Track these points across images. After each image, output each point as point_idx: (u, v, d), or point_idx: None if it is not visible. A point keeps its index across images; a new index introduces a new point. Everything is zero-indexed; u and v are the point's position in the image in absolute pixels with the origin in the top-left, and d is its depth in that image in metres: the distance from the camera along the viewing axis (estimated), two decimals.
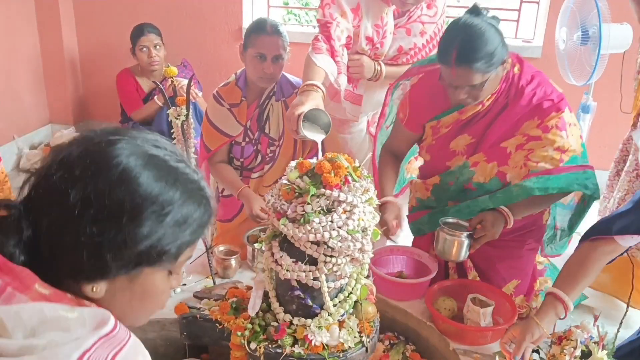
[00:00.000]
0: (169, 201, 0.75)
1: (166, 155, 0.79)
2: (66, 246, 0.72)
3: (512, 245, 2.04)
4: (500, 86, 1.84)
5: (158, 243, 0.75)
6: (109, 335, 0.70)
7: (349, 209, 1.33)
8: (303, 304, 1.41)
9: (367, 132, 2.43)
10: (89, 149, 0.75)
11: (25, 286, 0.68)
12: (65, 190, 0.71)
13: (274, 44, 2.21)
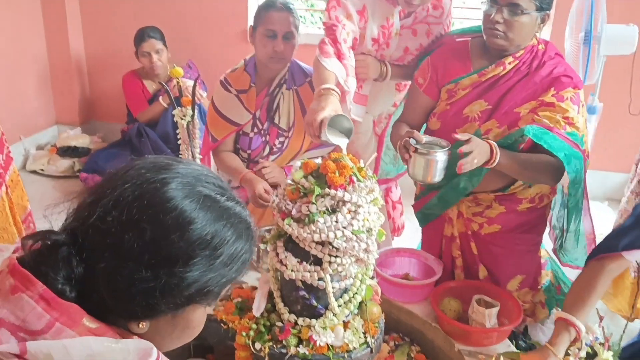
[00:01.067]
0: (220, 243, 0.77)
1: (217, 194, 0.80)
2: (119, 288, 0.73)
3: (516, 242, 2.03)
4: (524, 55, 1.86)
5: (207, 284, 0.77)
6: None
7: (354, 209, 1.33)
8: (308, 304, 1.41)
9: (373, 133, 2.42)
10: (144, 189, 0.75)
11: (74, 321, 0.70)
12: (122, 234, 0.72)
13: (285, 20, 2.16)
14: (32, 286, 0.70)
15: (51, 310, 0.70)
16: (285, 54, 2.19)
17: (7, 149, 2.22)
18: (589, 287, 1.64)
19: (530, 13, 1.78)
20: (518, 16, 1.77)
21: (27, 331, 0.69)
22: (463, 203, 2.02)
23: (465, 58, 1.95)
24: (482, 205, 2.00)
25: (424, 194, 2.13)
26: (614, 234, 1.73)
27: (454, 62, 1.95)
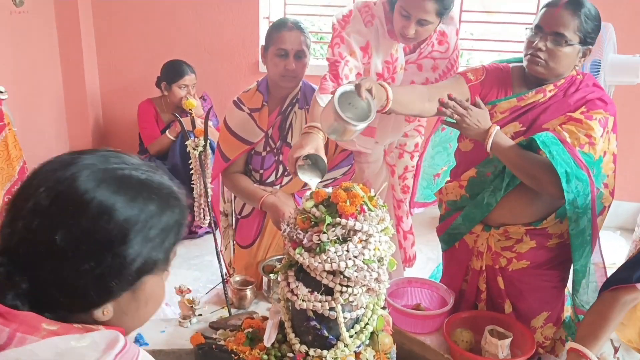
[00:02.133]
0: (149, 216, 0.78)
1: (132, 171, 0.80)
2: (69, 285, 0.74)
3: (544, 278, 1.99)
4: (564, 83, 1.86)
5: (150, 255, 0.79)
6: (122, 352, 0.73)
7: (365, 238, 1.34)
8: (319, 334, 1.40)
9: (384, 162, 2.42)
10: (58, 190, 0.75)
11: (34, 328, 0.71)
12: (51, 237, 0.73)
13: (296, 39, 2.15)
14: None
15: (9, 323, 0.71)
16: (297, 73, 2.19)
17: None
18: (602, 318, 1.61)
19: (574, 45, 1.78)
20: (562, 46, 1.78)
21: None
22: (493, 236, 1.99)
23: (506, 83, 1.95)
24: (512, 239, 1.97)
25: (448, 214, 2.11)
26: (628, 264, 1.70)
27: (495, 85, 1.95)
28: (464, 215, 2.03)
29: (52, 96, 4.29)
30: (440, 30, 2.16)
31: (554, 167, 1.70)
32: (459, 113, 1.82)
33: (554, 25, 1.77)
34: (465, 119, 1.81)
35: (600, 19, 1.82)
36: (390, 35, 2.10)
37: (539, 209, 1.91)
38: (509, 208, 1.94)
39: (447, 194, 2.11)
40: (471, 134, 1.84)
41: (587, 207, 1.77)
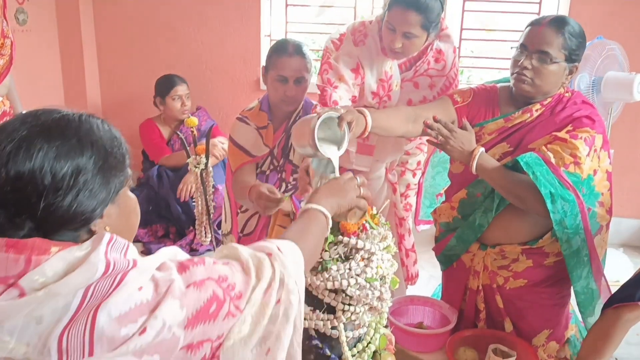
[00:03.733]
0: (92, 141, 0.90)
1: (52, 114, 0.90)
2: (67, 216, 0.85)
3: (542, 296, 1.98)
4: (552, 101, 1.86)
5: (117, 175, 0.92)
6: (112, 241, 0.85)
7: (367, 256, 1.33)
8: (321, 354, 1.39)
9: (386, 180, 2.42)
10: (17, 144, 0.84)
11: (45, 250, 0.81)
12: (35, 181, 0.83)
13: (296, 65, 2.13)
14: None
15: (22, 251, 0.80)
16: (297, 98, 2.19)
17: None
18: (605, 336, 1.60)
19: (559, 63, 1.78)
20: (547, 64, 1.78)
21: (13, 276, 0.79)
22: (489, 255, 1.99)
23: (493, 103, 1.95)
24: (509, 258, 1.96)
25: (443, 236, 2.11)
26: (631, 282, 1.69)
27: (483, 106, 1.96)
28: (457, 236, 2.03)
29: None
30: (437, 48, 2.16)
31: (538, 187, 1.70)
32: (443, 135, 1.83)
33: (538, 44, 1.78)
34: (449, 141, 1.82)
35: (584, 36, 1.83)
36: (383, 53, 2.10)
37: (534, 228, 1.91)
38: (503, 228, 1.94)
39: (440, 215, 2.11)
40: (455, 155, 1.85)
41: (578, 227, 1.76)
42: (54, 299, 0.78)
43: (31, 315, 0.77)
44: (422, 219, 2.48)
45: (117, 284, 0.81)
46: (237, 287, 0.94)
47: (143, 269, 0.86)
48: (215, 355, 0.90)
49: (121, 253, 0.86)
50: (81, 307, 0.79)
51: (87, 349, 0.78)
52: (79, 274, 0.80)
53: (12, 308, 0.77)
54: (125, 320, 0.80)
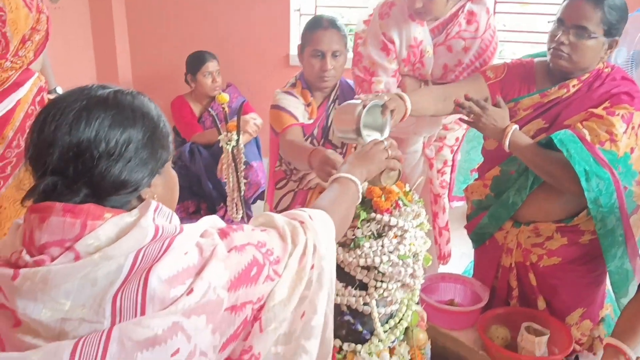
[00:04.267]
0: (143, 116, 0.94)
1: (107, 90, 0.94)
2: (120, 181, 0.89)
3: (577, 274, 1.95)
4: (589, 77, 1.81)
5: (159, 142, 0.95)
6: (158, 208, 0.90)
7: (400, 233, 1.33)
8: (353, 329, 1.40)
9: (423, 155, 2.38)
10: (79, 116, 0.88)
11: (98, 216, 0.86)
12: (92, 148, 0.87)
13: (331, 38, 2.10)
14: (52, 208, 0.85)
15: (78, 215, 0.85)
16: (334, 72, 2.15)
17: None
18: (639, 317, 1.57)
19: (598, 38, 1.73)
20: (585, 39, 1.73)
21: (70, 240, 0.84)
22: (523, 233, 1.96)
23: (529, 78, 1.91)
24: (543, 236, 1.93)
25: (475, 213, 2.09)
26: None
27: (517, 81, 1.92)
28: (490, 214, 2.00)
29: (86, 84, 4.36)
30: (469, 10, 2.12)
31: (572, 165, 1.66)
32: (475, 112, 1.79)
33: (575, 18, 1.73)
34: (481, 119, 1.79)
35: (626, 8, 1.76)
36: (411, 18, 2.09)
37: (569, 206, 1.87)
38: (537, 206, 1.90)
39: (472, 192, 2.08)
40: (488, 133, 1.82)
41: (613, 206, 1.72)
42: (108, 262, 0.82)
43: (86, 278, 0.81)
44: (455, 195, 2.45)
45: (166, 249, 0.86)
46: (275, 253, 0.98)
47: (188, 235, 0.90)
48: (258, 317, 0.94)
49: (167, 220, 0.91)
50: (133, 269, 0.83)
51: (140, 309, 0.82)
52: (131, 238, 0.84)
53: (68, 271, 0.81)
54: (174, 282, 0.85)
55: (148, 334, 0.81)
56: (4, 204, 2.07)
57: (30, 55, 2.08)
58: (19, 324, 0.83)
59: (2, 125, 2.02)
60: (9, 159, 2.05)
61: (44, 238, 0.84)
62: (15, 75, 2.01)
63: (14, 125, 2.05)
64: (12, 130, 2.05)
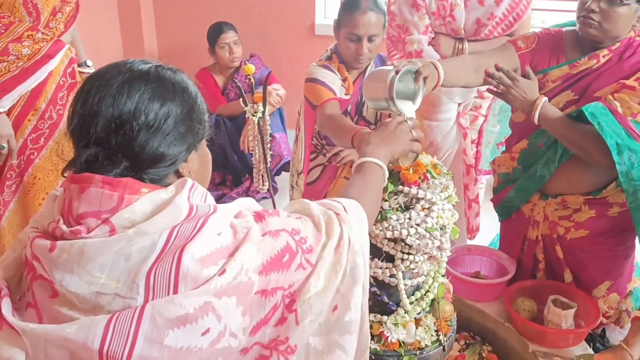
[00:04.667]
0: (189, 96, 0.96)
1: (150, 66, 0.95)
2: (159, 155, 0.90)
3: (605, 247, 1.93)
4: (620, 46, 1.76)
5: (200, 124, 0.98)
6: (193, 187, 0.91)
7: (428, 206, 1.32)
8: (379, 300, 1.41)
9: (457, 123, 2.34)
10: (121, 90, 0.90)
11: (136, 190, 0.87)
12: (133, 120, 0.89)
13: (369, 22, 2.00)
14: (92, 179, 0.86)
15: (115, 188, 0.86)
16: (371, 55, 2.10)
17: None
18: None
19: (630, 4, 1.67)
20: (616, 6, 1.67)
21: (106, 211, 0.85)
22: (550, 205, 1.94)
23: (558, 49, 1.86)
24: (570, 208, 1.91)
25: (501, 187, 2.07)
26: None
27: (547, 52, 1.87)
28: (517, 188, 1.98)
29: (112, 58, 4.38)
30: None
31: (603, 138, 1.62)
32: (505, 84, 1.75)
33: None
34: (511, 90, 1.74)
35: None
36: None
37: (598, 179, 1.84)
38: (565, 178, 1.88)
39: (499, 165, 2.06)
40: (517, 105, 1.78)
41: None
42: (142, 237, 0.84)
43: (121, 253, 0.83)
44: (481, 168, 2.42)
45: (200, 228, 0.87)
46: (308, 241, 0.97)
47: (222, 215, 0.91)
48: (293, 308, 0.93)
49: (201, 199, 0.92)
50: (166, 246, 0.84)
51: (172, 287, 0.83)
52: (165, 215, 0.85)
53: (103, 245, 0.83)
54: (207, 262, 0.85)
55: (180, 312, 0.82)
56: (38, 174, 2.11)
57: (61, 27, 2.10)
58: (56, 295, 0.85)
59: (35, 97, 2.05)
60: (42, 130, 2.09)
61: (82, 208, 0.86)
62: (46, 46, 2.03)
63: (46, 97, 2.08)
64: (44, 102, 2.08)
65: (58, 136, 2.14)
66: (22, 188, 2.11)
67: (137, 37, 4.40)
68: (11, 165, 2.06)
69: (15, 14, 1.97)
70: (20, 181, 2.10)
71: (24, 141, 2.06)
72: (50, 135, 2.12)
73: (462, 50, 2.18)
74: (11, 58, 1.95)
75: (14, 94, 1.98)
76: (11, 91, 1.96)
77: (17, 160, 2.07)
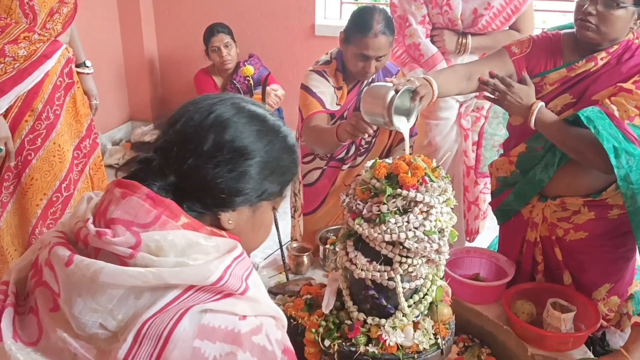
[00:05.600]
0: (272, 151, 0.93)
1: (263, 112, 0.95)
2: (206, 179, 0.88)
3: (605, 249, 1.92)
4: (618, 49, 1.76)
5: (270, 184, 0.93)
6: (240, 258, 0.86)
7: (426, 209, 1.32)
8: (377, 303, 1.40)
9: (457, 124, 2.33)
10: (208, 111, 0.91)
11: (175, 215, 0.84)
12: (200, 142, 0.88)
13: (379, 46, 2.00)
14: (138, 189, 0.84)
15: (157, 206, 0.83)
16: (377, 71, 2.09)
17: (95, 135, 2.37)
18: None
19: (627, 7, 1.66)
20: (613, 9, 1.67)
21: (138, 225, 0.82)
22: (549, 207, 1.93)
23: (555, 52, 1.85)
24: (569, 210, 1.90)
25: (500, 191, 2.06)
26: None
27: (543, 55, 1.86)
28: (515, 192, 1.97)
29: (112, 61, 4.39)
30: None
31: (600, 142, 1.62)
32: (500, 90, 1.75)
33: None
34: (506, 97, 1.75)
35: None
36: None
37: (597, 181, 1.83)
38: (564, 181, 1.87)
39: (498, 169, 2.05)
40: (514, 111, 1.78)
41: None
42: (158, 283, 0.79)
43: (134, 289, 0.79)
44: (482, 171, 2.41)
45: (218, 299, 0.81)
46: None
47: (255, 306, 0.85)
48: None
49: (242, 275, 0.85)
50: (175, 301, 0.80)
51: (160, 347, 0.76)
52: (192, 274, 0.80)
53: (119, 275, 0.78)
54: (205, 333, 0.78)
55: None
56: (35, 175, 2.11)
57: (58, 28, 2.09)
58: (57, 310, 0.82)
59: (32, 97, 2.05)
60: (39, 130, 2.09)
61: (116, 213, 0.83)
62: (43, 47, 2.03)
63: (43, 98, 2.08)
64: (41, 103, 2.07)
65: (55, 136, 2.14)
66: (19, 189, 2.11)
67: (136, 38, 4.40)
68: (8, 167, 2.06)
69: (11, 16, 1.97)
70: (18, 182, 2.10)
71: (21, 142, 2.05)
72: (47, 136, 2.11)
73: (465, 45, 2.18)
74: (7, 59, 1.94)
75: (11, 95, 1.98)
76: (8, 92, 1.96)
77: (14, 162, 2.06)
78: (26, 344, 0.82)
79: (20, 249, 2.17)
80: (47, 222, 2.17)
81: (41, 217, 2.15)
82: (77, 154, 2.28)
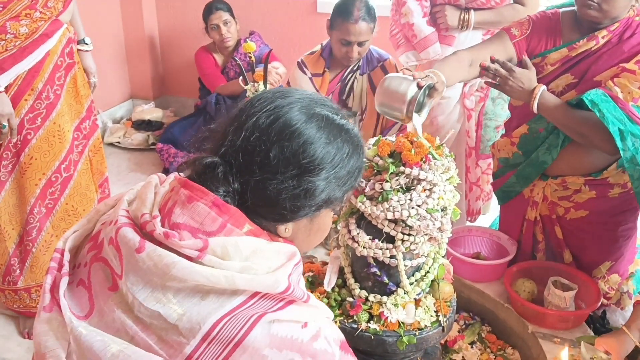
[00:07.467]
0: (341, 157, 0.89)
1: (334, 115, 0.91)
2: (269, 197, 0.85)
3: (605, 227, 1.92)
4: (619, 26, 1.73)
5: (333, 191, 0.90)
6: (298, 265, 0.87)
7: (429, 187, 1.31)
8: (379, 281, 1.41)
9: (459, 103, 2.32)
10: (276, 115, 0.87)
11: (240, 223, 0.84)
12: (266, 152, 0.85)
13: (360, 31, 2.19)
14: (205, 195, 0.83)
15: (222, 214, 0.83)
16: (360, 56, 2.24)
17: (94, 116, 2.36)
18: None
19: None
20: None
21: (204, 232, 0.82)
22: (549, 186, 1.93)
23: (555, 31, 1.83)
24: (570, 189, 1.90)
25: (502, 172, 2.05)
26: None
27: (544, 35, 1.84)
28: (518, 174, 1.97)
29: (113, 39, 4.35)
30: None
31: (605, 125, 1.60)
32: (501, 75, 1.73)
33: None
34: (508, 82, 1.73)
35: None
36: None
37: (599, 160, 1.83)
38: (566, 161, 1.87)
39: (499, 150, 2.04)
40: (516, 95, 1.76)
41: None
42: (229, 285, 0.79)
43: (200, 289, 0.79)
44: (482, 153, 2.40)
45: (282, 306, 0.82)
46: None
47: (313, 311, 0.86)
48: None
49: (298, 280, 0.87)
50: (242, 305, 0.80)
51: (229, 349, 0.77)
52: (262, 283, 0.81)
53: (190, 272, 0.78)
54: (275, 342, 0.79)
55: None
56: (34, 154, 2.10)
57: (60, 6, 2.07)
58: (116, 289, 0.81)
59: (32, 77, 2.03)
60: (39, 110, 2.07)
61: (182, 218, 0.83)
62: (44, 26, 2.00)
63: (43, 77, 2.06)
64: (41, 82, 2.05)
65: (55, 116, 2.12)
66: (18, 168, 2.10)
67: (137, 15, 4.35)
68: (7, 145, 2.05)
69: None
70: (17, 161, 2.09)
71: (20, 121, 2.04)
72: (47, 116, 2.10)
73: (468, 20, 2.16)
74: (9, 37, 1.92)
75: (11, 72, 1.95)
76: (7, 70, 1.94)
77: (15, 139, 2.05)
78: (77, 316, 0.81)
79: (17, 227, 2.16)
80: (46, 202, 2.16)
81: (40, 197, 2.14)
82: (77, 134, 2.27)
